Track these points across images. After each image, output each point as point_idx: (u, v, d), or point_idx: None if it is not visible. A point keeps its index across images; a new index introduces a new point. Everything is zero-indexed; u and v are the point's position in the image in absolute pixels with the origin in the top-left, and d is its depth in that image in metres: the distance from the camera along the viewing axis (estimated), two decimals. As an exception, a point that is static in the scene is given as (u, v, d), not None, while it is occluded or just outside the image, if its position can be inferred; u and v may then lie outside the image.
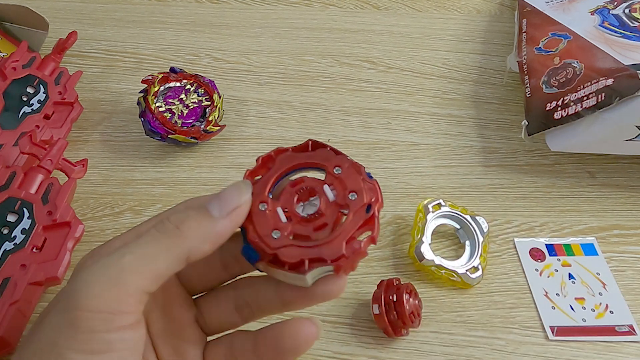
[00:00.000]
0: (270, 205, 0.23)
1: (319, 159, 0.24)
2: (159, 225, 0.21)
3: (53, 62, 0.48)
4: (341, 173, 0.23)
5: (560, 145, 0.43)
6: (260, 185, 0.23)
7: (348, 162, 0.24)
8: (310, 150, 0.24)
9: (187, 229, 0.21)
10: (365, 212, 0.22)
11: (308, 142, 0.25)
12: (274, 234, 0.22)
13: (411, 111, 0.50)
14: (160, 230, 0.21)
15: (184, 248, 0.21)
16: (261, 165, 0.24)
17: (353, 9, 0.60)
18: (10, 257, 0.35)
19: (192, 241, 0.21)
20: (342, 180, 0.23)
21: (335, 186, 0.23)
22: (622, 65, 0.41)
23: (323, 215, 0.23)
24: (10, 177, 0.38)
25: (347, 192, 0.23)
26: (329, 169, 0.24)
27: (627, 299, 0.38)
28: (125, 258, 0.20)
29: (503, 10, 0.61)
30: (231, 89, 0.51)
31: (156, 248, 0.21)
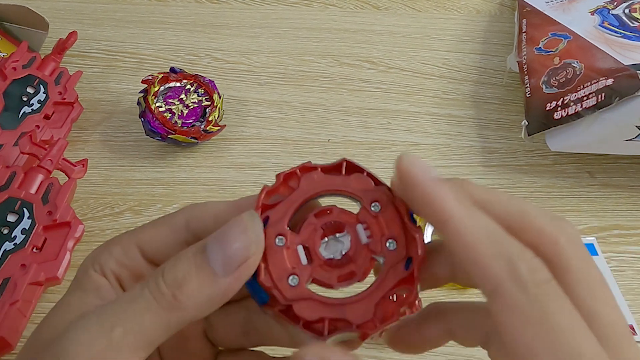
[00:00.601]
0: (289, 239, 0.19)
1: (354, 187, 0.19)
2: (154, 290, 0.18)
3: (53, 62, 0.48)
4: (379, 211, 0.19)
5: (560, 145, 0.43)
6: (279, 213, 0.19)
7: (389, 198, 0.19)
8: (344, 174, 0.20)
9: (185, 298, 0.18)
10: (403, 268, 0.18)
11: (342, 162, 0.20)
12: (291, 279, 0.19)
13: (411, 111, 0.50)
14: (155, 297, 0.18)
15: (182, 318, 0.18)
16: (282, 183, 0.20)
17: (353, 9, 0.60)
18: (10, 257, 0.35)
19: (191, 311, 0.18)
20: (380, 221, 0.19)
21: (370, 226, 0.19)
22: (622, 65, 0.41)
23: (351, 262, 0.19)
24: (10, 177, 0.38)
25: (384, 238, 0.19)
26: (365, 203, 0.19)
27: (627, 299, 0.38)
28: (115, 332, 0.17)
29: (503, 10, 0.61)
30: (231, 89, 0.51)
31: (150, 320, 0.18)
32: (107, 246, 0.21)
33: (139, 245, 0.21)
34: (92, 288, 0.20)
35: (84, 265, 0.21)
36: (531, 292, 0.16)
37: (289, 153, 0.46)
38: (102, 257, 0.21)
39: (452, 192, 0.17)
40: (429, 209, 0.17)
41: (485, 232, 0.17)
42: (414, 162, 0.18)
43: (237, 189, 0.44)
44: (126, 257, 0.21)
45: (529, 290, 0.16)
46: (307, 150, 0.46)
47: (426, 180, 0.18)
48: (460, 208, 0.17)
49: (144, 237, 0.21)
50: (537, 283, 0.16)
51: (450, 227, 0.17)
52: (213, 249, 0.18)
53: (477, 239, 0.17)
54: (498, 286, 0.16)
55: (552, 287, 0.16)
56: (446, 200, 0.17)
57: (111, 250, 0.21)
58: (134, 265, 0.21)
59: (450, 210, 0.17)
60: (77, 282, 0.21)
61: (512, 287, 0.16)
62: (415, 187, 0.18)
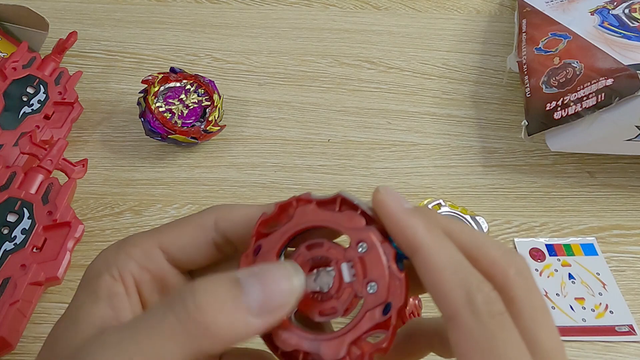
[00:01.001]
0: None
1: (345, 225, 0.19)
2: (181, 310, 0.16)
3: (53, 62, 0.48)
4: (365, 252, 0.19)
5: (560, 145, 0.43)
6: (271, 242, 0.20)
7: (377, 240, 0.19)
8: (337, 210, 0.20)
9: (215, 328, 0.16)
10: (381, 313, 0.18)
11: (337, 197, 0.20)
12: None
13: (411, 111, 0.50)
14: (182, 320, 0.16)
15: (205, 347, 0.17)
16: (278, 213, 0.20)
17: (353, 9, 0.60)
18: (10, 257, 0.35)
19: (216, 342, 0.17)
20: (365, 262, 0.19)
21: (355, 266, 0.19)
22: (622, 65, 0.41)
23: (334, 298, 0.19)
24: (11, 177, 0.38)
25: (366, 280, 0.19)
26: (353, 242, 0.19)
27: (627, 299, 0.38)
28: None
29: (503, 10, 0.61)
30: (231, 89, 0.51)
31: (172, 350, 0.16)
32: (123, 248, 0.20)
33: (162, 247, 0.20)
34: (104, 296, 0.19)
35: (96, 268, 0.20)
36: (484, 321, 0.17)
37: (289, 153, 0.46)
38: (120, 260, 0.20)
39: (422, 222, 0.18)
40: (402, 238, 0.18)
41: (449, 261, 0.18)
42: (388, 194, 0.19)
43: (237, 189, 0.44)
44: (148, 260, 0.20)
45: (482, 320, 0.17)
46: (307, 150, 0.46)
47: (398, 211, 0.19)
48: (429, 237, 0.18)
49: (167, 238, 0.20)
50: (491, 314, 0.17)
51: (419, 255, 0.18)
52: (252, 286, 0.17)
53: (441, 267, 0.18)
54: (456, 313, 0.17)
55: (504, 319, 0.17)
56: (417, 230, 0.18)
57: (130, 253, 0.20)
58: (157, 269, 0.20)
59: (420, 239, 0.18)
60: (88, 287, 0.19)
61: (467, 315, 0.17)
62: (389, 217, 0.19)
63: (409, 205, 0.19)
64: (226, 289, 0.17)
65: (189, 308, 0.16)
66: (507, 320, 0.17)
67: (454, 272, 0.18)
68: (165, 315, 0.17)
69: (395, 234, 0.19)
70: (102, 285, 0.19)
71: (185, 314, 0.16)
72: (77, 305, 0.19)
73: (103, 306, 0.19)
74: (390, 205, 0.19)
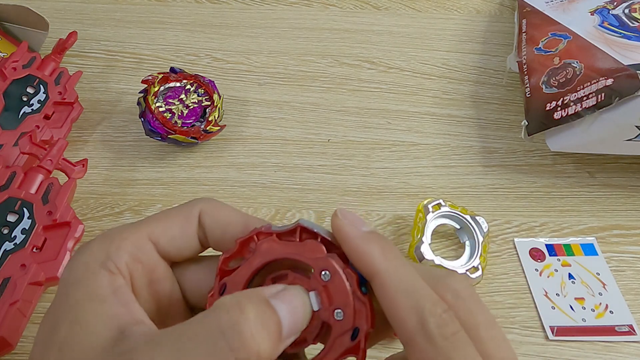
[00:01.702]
0: None
1: (307, 254, 0.20)
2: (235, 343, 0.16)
3: (53, 62, 0.48)
4: (329, 281, 0.19)
5: (560, 145, 0.43)
6: (235, 280, 0.20)
7: (339, 267, 0.19)
8: (298, 240, 0.20)
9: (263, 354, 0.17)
10: (350, 338, 0.19)
11: (297, 227, 0.20)
12: None
13: (411, 111, 0.50)
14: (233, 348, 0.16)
15: None
16: (239, 248, 0.20)
17: (353, 9, 0.60)
18: (10, 257, 0.35)
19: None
20: (329, 290, 0.19)
21: (321, 294, 0.19)
22: (622, 65, 0.41)
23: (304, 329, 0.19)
24: (10, 177, 0.38)
25: (332, 307, 0.19)
26: (316, 271, 0.19)
27: (627, 299, 0.38)
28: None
29: (503, 10, 0.61)
30: (231, 89, 0.51)
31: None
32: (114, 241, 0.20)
33: (152, 239, 0.20)
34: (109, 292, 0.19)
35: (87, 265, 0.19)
36: (438, 345, 0.17)
37: (289, 153, 0.46)
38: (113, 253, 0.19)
39: (378, 247, 0.19)
40: (360, 264, 0.19)
41: (403, 286, 0.18)
42: (345, 218, 0.19)
43: (237, 189, 0.44)
44: (140, 252, 0.20)
45: (436, 343, 0.17)
46: (307, 150, 0.46)
47: (356, 236, 0.19)
48: (385, 262, 0.18)
49: (157, 229, 0.20)
50: (444, 336, 0.17)
51: (376, 280, 0.18)
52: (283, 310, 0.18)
53: (395, 292, 0.18)
54: (411, 338, 0.18)
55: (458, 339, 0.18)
56: (373, 255, 0.19)
57: (122, 246, 0.20)
58: (148, 261, 0.20)
59: (377, 265, 0.18)
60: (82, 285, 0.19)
61: (422, 340, 0.17)
62: (347, 243, 0.19)
63: (368, 228, 0.19)
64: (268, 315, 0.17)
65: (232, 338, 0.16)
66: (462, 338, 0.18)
67: (407, 296, 0.18)
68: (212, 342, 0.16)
69: (354, 259, 0.19)
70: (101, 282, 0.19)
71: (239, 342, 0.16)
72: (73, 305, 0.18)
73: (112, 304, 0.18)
74: (348, 231, 0.19)
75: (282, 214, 0.42)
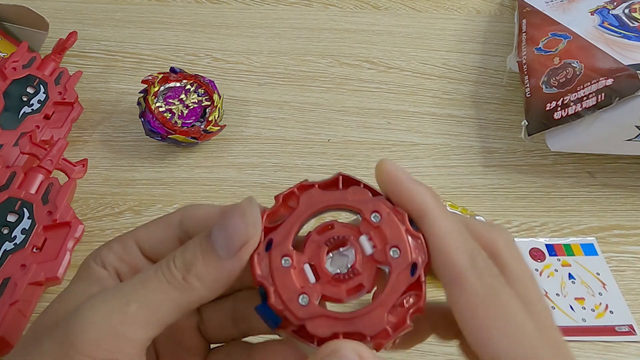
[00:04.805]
0: (295, 259, 0.19)
1: (353, 200, 0.20)
2: (165, 271, 0.19)
3: (53, 62, 0.48)
4: (380, 221, 0.19)
5: (560, 145, 0.43)
6: (281, 234, 0.20)
7: (389, 207, 0.20)
8: (341, 188, 0.20)
9: (194, 279, 0.19)
10: (409, 274, 0.19)
11: (338, 176, 0.20)
12: (301, 299, 0.19)
13: (411, 111, 0.50)
14: (167, 277, 0.19)
15: (192, 298, 0.19)
16: (282, 204, 0.20)
17: (353, 9, 0.60)
18: (10, 257, 0.35)
19: (200, 291, 0.19)
20: (382, 231, 0.19)
21: (372, 237, 0.19)
22: (622, 65, 0.41)
23: (358, 275, 0.19)
24: (11, 177, 0.38)
25: (387, 247, 0.19)
26: (365, 215, 0.20)
27: (627, 299, 0.38)
28: (131, 307, 0.19)
29: (503, 10, 0.61)
30: (231, 89, 0.51)
31: (163, 298, 0.19)
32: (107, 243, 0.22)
33: (137, 242, 0.22)
34: (95, 279, 0.21)
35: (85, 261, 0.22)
36: (487, 280, 0.19)
37: (289, 153, 0.46)
38: (103, 252, 0.22)
39: (428, 190, 0.20)
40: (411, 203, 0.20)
41: (453, 227, 0.20)
42: (394, 164, 0.21)
43: (237, 189, 0.44)
44: (125, 252, 0.22)
45: (485, 278, 0.19)
46: (307, 150, 0.46)
47: (407, 178, 0.20)
48: (435, 203, 0.20)
49: (141, 234, 0.22)
50: (491, 275, 0.19)
51: (426, 219, 0.20)
52: (216, 234, 0.20)
53: (447, 231, 0.19)
54: (459, 275, 0.19)
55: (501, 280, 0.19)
56: (425, 195, 0.20)
57: (111, 246, 0.22)
58: (133, 261, 0.22)
59: (428, 204, 0.20)
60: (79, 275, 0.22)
61: (471, 276, 0.19)
62: (399, 184, 0.20)
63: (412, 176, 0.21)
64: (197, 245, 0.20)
65: (170, 266, 0.19)
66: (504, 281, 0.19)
67: (457, 238, 0.19)
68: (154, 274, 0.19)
69: (404, 199, 0.20)
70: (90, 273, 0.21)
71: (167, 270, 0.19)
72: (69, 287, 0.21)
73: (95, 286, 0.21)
74: (399, 173, 0.20)
75: (282, 214, 0.42)
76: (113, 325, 0.18)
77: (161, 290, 0.19)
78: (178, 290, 0.19)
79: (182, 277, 0.19)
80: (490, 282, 0.19)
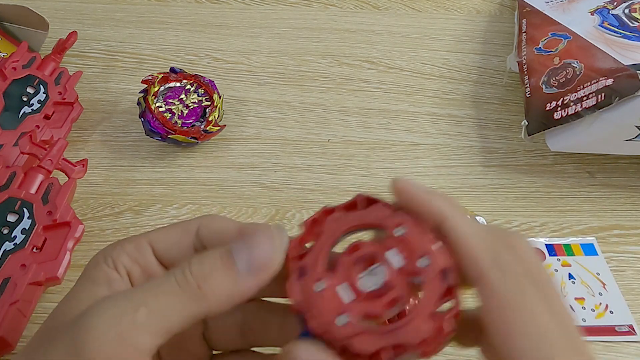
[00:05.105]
0: (328, 283, 0.20)
1: (376, 217, 0.21)
2: (179, 278, 0.19)
3: (53, 62, 0.48)
4: (405, 234, 0.20)
5: (560, 145, 0.43)
6: (312, 259, 0.20)
7: (410, 220, 0.20)
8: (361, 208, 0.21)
9: (209, 289, 0.19)
10: (442, 281, 0.19)
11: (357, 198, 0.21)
12: (339, 319, 0.19)
13: (411, 111, 0.50)
14: (181, 284, 0.19)
15: (203, 309, 0.19)
16: (309, 230, 0.21)
17: (353, 9, 0.60)
18: (10, 257, 0.35)
19: (213, 303, 0.19)
20: (408, 243, 0.20)
21: (400, 250, 0.20)
22: (622, 65, 0.41)
23: (392, 288, 0.19)
24: (10, 177, 0.38)
25: (416, 257, 0.20)
26: (390, 230, 0.20)
27: (627, 299, 0.38)
28: (140, 312, 0.18)
29: (503, 10, 0.61)
30: (231, 89, 0.51)
31: (174, 306, 0.19)
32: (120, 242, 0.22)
33: (151, 244, 0.22)
34: (103, 281, 0.21)
35: (95, 259, 0.22)
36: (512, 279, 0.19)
37: (289, 153, 0.46)
38: (115, 252, 0.22)
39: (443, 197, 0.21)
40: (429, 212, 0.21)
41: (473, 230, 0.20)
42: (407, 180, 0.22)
43: (237, 189, 0.44)
44: (138, 253, 0.22)
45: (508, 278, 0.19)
46: (307, 150, 0.46)
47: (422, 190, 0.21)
48: (454, 210, 0.21)
49: (156, 236, 0.22)
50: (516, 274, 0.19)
51: (447, 225, 0.20)
52: (240, 250, 0.20)
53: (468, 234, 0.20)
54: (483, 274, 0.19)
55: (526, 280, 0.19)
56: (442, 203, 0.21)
57: (124, 247, 0.22)
58: (146, 263, 0.22)
59: (446, 211, 0.21)
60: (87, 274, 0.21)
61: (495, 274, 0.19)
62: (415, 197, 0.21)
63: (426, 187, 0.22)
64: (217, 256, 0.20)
65: (186, 273, 0.19)
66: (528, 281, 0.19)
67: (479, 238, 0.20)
68: (167, 279, 0.19)
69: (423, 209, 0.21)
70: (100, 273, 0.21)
71: (182, 277, 0.19)
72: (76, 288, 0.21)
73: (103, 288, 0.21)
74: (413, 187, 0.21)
75: (282, 214, 0.42)
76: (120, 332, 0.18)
77: (173, 296, 0.19)
78: (191, 298, 0.19)
79: (197, 286, 0.19)
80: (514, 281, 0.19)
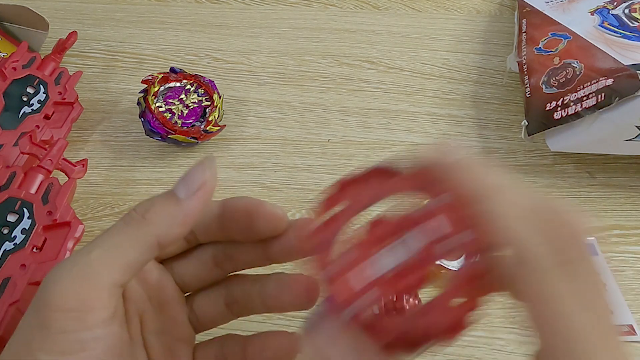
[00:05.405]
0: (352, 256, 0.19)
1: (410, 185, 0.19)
2: (125, 216, 0.21)
3: (53, 62, 0.48)
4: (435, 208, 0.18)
5: (560, 145, 0.43)
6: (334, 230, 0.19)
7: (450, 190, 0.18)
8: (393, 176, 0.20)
9: (153, 215, 0.21)
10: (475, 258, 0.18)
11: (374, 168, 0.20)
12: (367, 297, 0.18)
13: (411, 111, 0.50)
14: (126, 221, 0.21)
15: (152, 235, 0.21)
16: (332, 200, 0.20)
17: (353, 9, 0.60)
18: (10, 257, 0.35)
19: (159, 227, 0.21)
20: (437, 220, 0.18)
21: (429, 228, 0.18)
22: (622, 65, 0.41)
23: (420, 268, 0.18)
24: (10, 177, 0.38)
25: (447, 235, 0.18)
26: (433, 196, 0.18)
27: (627, 299, 0.38)
28: (93, 252, 0.20)
29: (503, 10, 0.61)
30: (231, 89, 0.51)
31: (123, 238, 0.21)
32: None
33: None
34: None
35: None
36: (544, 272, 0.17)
37: (288, 153, 0.46)
38: None
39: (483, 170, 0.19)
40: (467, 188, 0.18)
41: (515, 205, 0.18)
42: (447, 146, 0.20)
43: (237, 189, 0.44)
44: None
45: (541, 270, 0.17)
46: (307, 150, 0.46)
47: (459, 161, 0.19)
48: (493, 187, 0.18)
49: None
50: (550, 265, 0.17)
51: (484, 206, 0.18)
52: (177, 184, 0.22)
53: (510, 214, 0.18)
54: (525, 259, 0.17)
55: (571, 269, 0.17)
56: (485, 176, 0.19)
57: None
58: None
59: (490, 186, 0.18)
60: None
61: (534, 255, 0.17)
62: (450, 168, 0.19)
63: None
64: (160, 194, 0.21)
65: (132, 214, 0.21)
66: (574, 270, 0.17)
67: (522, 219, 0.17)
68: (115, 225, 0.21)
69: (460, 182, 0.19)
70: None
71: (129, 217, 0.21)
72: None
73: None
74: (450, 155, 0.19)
75: (282, 214, 0.42)
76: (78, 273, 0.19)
77: (120, 231, 0.21)
78: (136, 227, 0.21)
79: (142, 216, 0.21)
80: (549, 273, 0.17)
